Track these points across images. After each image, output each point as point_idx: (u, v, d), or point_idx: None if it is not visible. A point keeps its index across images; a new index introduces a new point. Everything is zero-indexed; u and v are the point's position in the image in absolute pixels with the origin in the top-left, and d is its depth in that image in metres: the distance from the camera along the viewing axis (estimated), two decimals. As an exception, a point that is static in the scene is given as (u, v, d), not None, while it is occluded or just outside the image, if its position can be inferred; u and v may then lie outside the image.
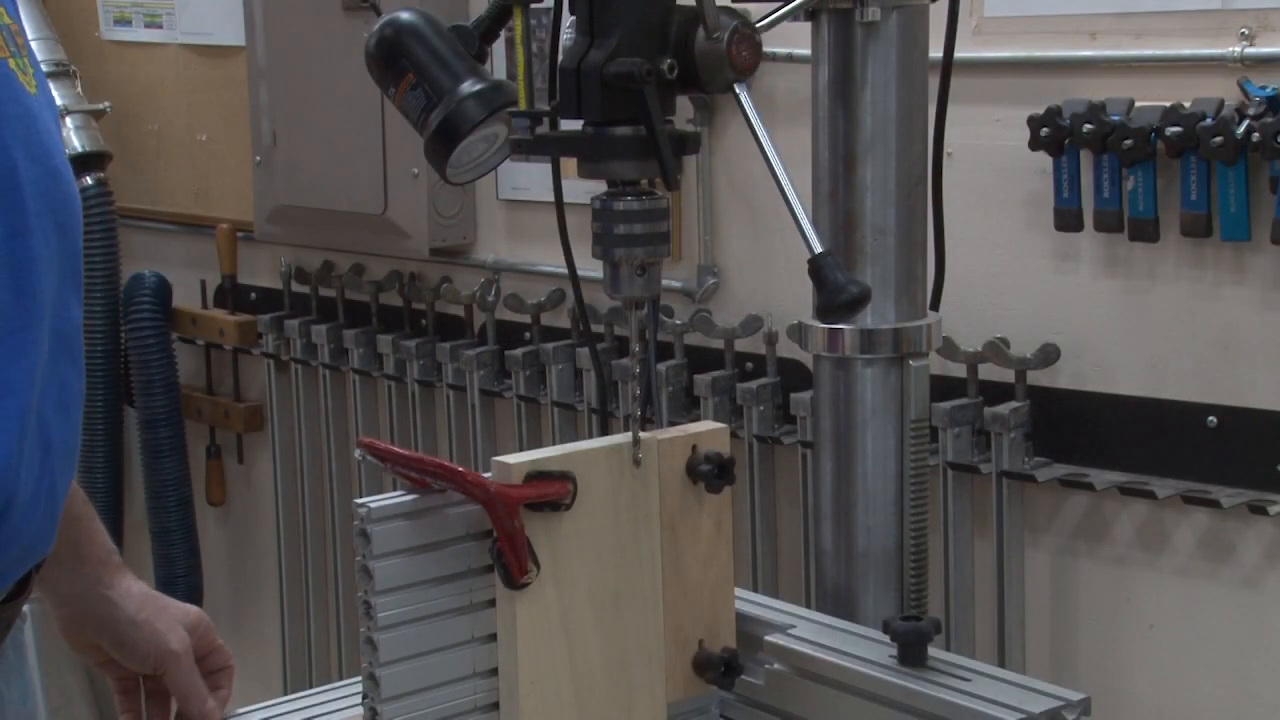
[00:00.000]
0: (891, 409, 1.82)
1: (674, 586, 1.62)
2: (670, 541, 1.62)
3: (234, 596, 3.99)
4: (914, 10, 1.78)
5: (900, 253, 1.81)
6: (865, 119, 1.78)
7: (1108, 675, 2.47)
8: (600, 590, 1.57)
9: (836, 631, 1.69)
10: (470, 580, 1.54)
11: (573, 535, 1.55)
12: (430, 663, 1.52)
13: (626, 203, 1.55)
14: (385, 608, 1.49)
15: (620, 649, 1.59)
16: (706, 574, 1.65)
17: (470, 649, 1.54)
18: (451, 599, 1.53)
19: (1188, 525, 2.48)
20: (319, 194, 3.37)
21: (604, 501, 1.57)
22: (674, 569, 1.62)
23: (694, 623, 1.65)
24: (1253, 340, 2.38)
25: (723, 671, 1.65)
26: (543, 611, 1.53)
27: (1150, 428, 2.46)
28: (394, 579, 1.50)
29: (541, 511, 1.52)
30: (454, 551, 1.53)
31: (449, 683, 1.53)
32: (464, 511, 1.53)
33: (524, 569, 1.51)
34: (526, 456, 1.53)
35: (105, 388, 3.84)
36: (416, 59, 1.63)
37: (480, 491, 1.48)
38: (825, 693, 1.61)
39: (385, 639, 1.49)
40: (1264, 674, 2.45)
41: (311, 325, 3.50)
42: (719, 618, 1.67)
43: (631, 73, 1.50)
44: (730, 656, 1.65)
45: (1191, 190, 2.35)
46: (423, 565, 1.51)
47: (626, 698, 1.60)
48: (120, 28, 3.90)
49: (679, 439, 1.63)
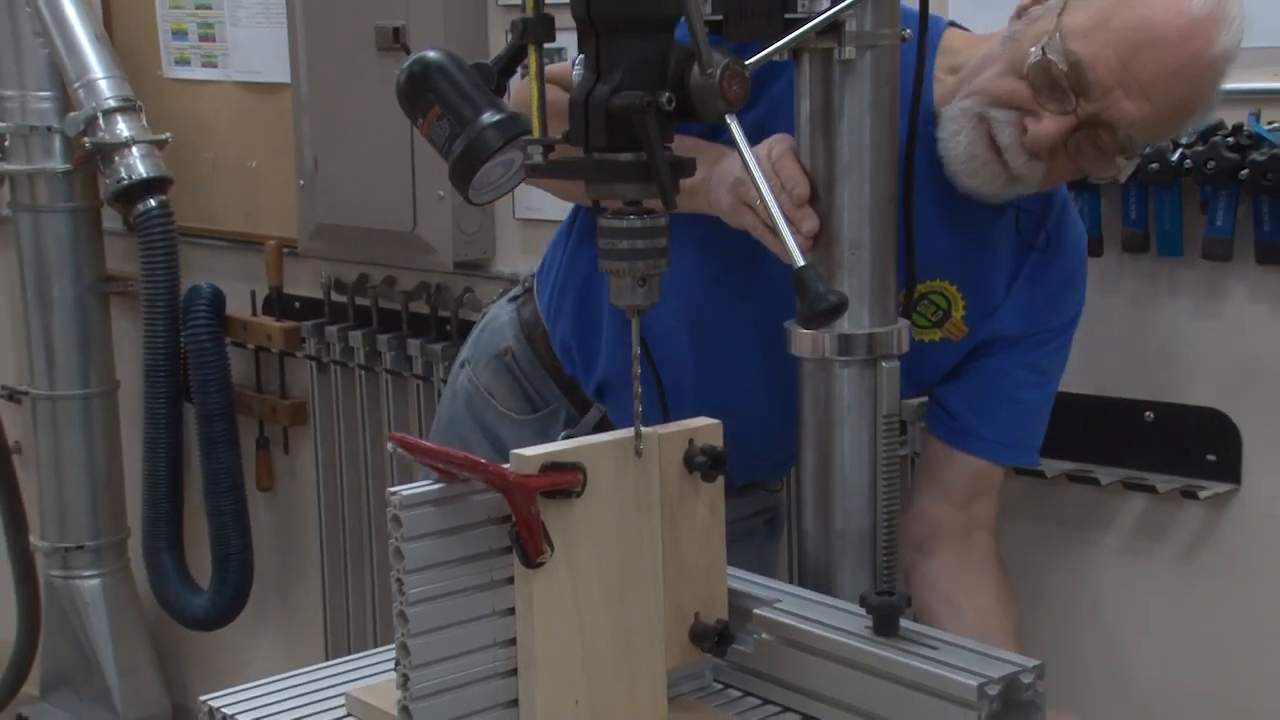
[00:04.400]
0: (866, 405, 1.81)
1: (672, 565, 1.62)
2: (669, 525, 1.61)
3: (281, 572, 3.98)
4: (886, 50, 1.76)
5: (874, 266, 1.79)
6: (843, 146, 1.77)
7: (1059, 643, 2.47)
8: (607, 569, 1.56)
9: (818, 605, 1.68)
10: (491, 560, 1.53)
11: (583, 520, 1.54)
12: (455, 634, 1.51)
13: (629, 221, 1.54)
14: (415, 584, 1.48)
15: (625, 621, 1.58)
16: (702, 554, 1.64)
17: (491, 621, 1.53)
18: (474, 577, 1.52)
19: (1128, 509, 2.49)
20: (355, 214, 3.37)
21: (610, 490, 1.56)
22: (673, 550, 1.62)
23: (690, 598, 1.64)
24: (1185, 345, 2.38)
25: (716, 641, 1.64)
26: (556, 588, 1.53)
27: (1095, 422, 2.46)
28: (423, 559, 1.49)
29: (555, 499, 1.51)
30: (477, 534, 1.52)
31: (472, 651, 1.52)
32: (485, 499, 1.52)
33: (539, 550, 1.50)
34: (541, 449, 1.52)
35: (167, 386, 3.83)
36: (442, 93, 1.62)
37: (500, 481, 1.48)
38: (808, 660, 1.61)
39: (415, 612, 1.49)
40: (1196, 640, 2.45)
41: (349, 331, 3.50)
42: (713, 593, 1.66)
43: (633, 105, 1.50)
44: (723, 628, 1.64)
45: (1131, 210, 2.36)
46: (449, 546, 1.50)
47: (631, 664, 1.59)
48: (180, 67, 3.90)
49: (677, 433, 1.62)
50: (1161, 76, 1.80)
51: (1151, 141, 1.93)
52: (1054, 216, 2.06)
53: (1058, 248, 2.07)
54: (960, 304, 2.05)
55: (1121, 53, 1.79)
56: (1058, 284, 2.08)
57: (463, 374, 2.37)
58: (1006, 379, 2.08)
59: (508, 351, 2.30)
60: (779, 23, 1.68)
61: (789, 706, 1.64)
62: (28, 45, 3.86)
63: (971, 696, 1.45)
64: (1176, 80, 1.81)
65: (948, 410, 2.12)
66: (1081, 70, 1.80)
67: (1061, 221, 2.07)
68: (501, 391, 2.30)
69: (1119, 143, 1.84)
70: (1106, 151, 1.86)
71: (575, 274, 2.19)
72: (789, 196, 1.74)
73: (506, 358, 2.30)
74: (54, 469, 4.07)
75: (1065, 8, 1.83)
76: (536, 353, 2.27)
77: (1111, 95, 1.81)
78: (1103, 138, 1.84)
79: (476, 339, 2.38)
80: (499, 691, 1.55)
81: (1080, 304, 2.13)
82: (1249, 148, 2.21)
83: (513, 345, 2.30)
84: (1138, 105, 1.81)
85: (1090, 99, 1.81)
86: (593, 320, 2.18)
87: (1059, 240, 2.07)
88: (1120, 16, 1.79)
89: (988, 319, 2.06)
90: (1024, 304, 2.06)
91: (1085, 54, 1.79)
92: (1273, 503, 2.35)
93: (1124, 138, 1.83)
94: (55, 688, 4.20)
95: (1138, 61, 1.79)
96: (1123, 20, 1.79)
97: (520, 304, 2.32)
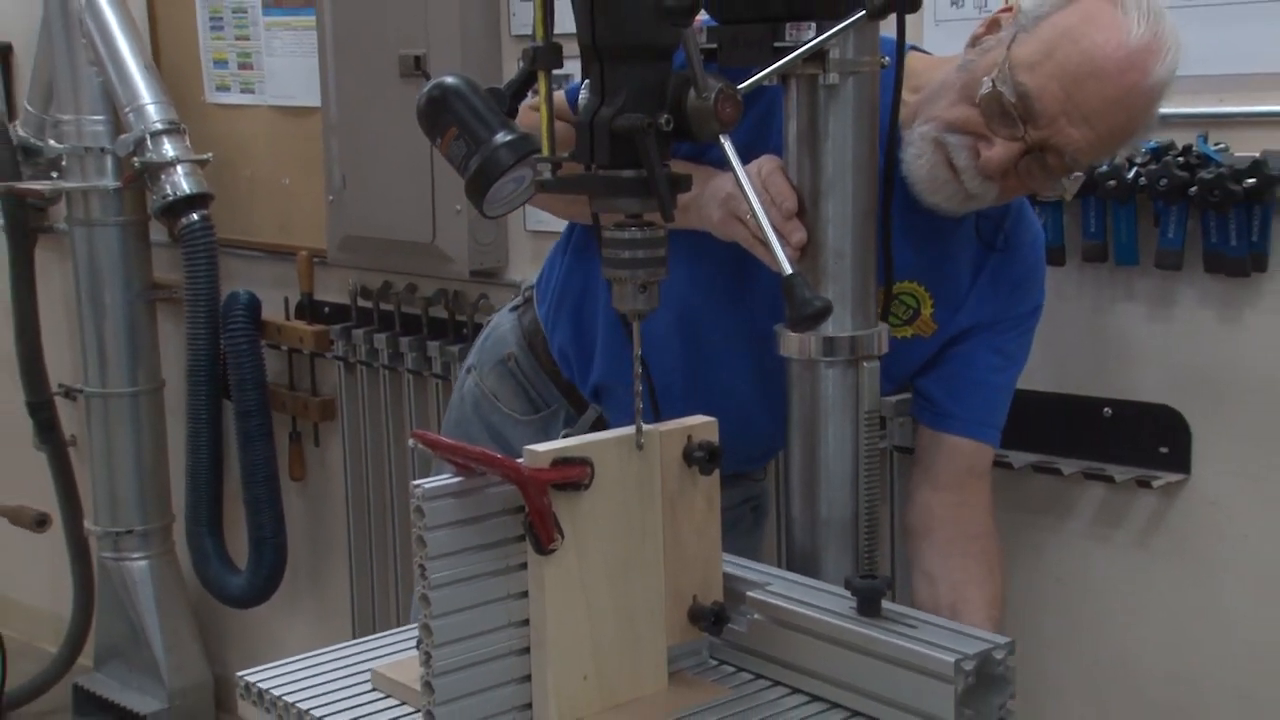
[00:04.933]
0: (849, 402, 1.79)
1: (672, 552, 1.61)
2: (669, 515, 1.60)
3: (312, 554, 3.97)
4: (866, 76, 1.75)
5: (855, 273, 1.78)
6: (827, 164, 1.76)
7: (1025, 620, 2.46)
8: (613, 555, 1.55)
9: (806, 588, 1.67)
10: (506, 547, 1.52)
11: (590, 510, 1.53)
12: (474, 615, 1.50)
13: (631, 232, 1.54)
14: (437, 570, 1.47)
15: (629, 603, 1.57)
16: (699, 542, 1.63)
17: (506, 604, 1.52)
18: (491, 563, 1.51)
19: (1088, 496, 2.48)
20: (380, 226, 3.36)
21: (616, 483, 1.55)
22: (673, 537, 1.61)
23: (689, 581, 1.63)
24: (1140, 346, 2.37)
25: (713, 621, 1.63)
26: (566, 572, 1.52)
27: (1057, 417, 2.45)
28: (444, 546, 1.48)
29: (565, 491, 1.50)
30: (493, 524, 1.51)
31: (489, 631, 1.51)
32: (501, 491, 1.51)
33: (551, 538, 1.49)
34: (552, 445, 1.52)
35: (208, 385, 3.82)
36: (458, 115, 1.60)
37: (514, 474, 1.47)
38: (797, 638, 1.60)
39: (437, 596, 1.48)
40: (1150, 617, 2.44)
41: (374, 334, 3.48)
42: (709, 577, 1.65)
43: (635, 126, 1.49)
44: (719, 609, 1.64)
45: (1091, 224, 2.35)
46: (467, 535, 1.49)
47: (634, 643, 1.58)
48: (221, 93, 3.89)
49: (677, 430, 1.61)
50: (1102, 106, 1.80)
51: (1093, 162, 1.93)
52: (1010, 220, 2.06)
53: (1015, 248, 2.07)
54: (929, 303, 2.05)
55: (1066, 84, 1.79)
56: (1016, 279, 2.08)
57: (469, 379, 2.36)
58: (976, 363, 2.08)
59: (510, 357, 2.29)
60: (769, 51, 1.68)
61: (779, 681, 1.63)
62: (83, 74, 3.85)
63: (948, 671, 1.44)
64: (1116, 109, 1.81)
65: (926, 397, 2.11)
66: (1029, 100, 1.80)
67: (1018, 224, 2.07)
68: (506, 394, 2.29)
69: (1064, 165, 1.85)
70: (1053, 173, 1.86)
71: (571, 287, 2.19)
72: (779, 210, 1.73)
73: (510, 363, 2.29)
74: (106, 460, 4.07)
75: (1014, 40, 1.82)
76: (537, 358, 2.26)
77: (1057, 123, 1.81)
78: (1049, 161, 1.84)
79: (481, 346, 2.37)
80: (514, 668, 1.54)
81: (1040, 296, 2.13)
82: (1197, 166, 2.21)
83: (515, 351, 2.29)
84: (1081, 132, 1.81)
85: (1038, 126, 1.81)
86: (588, 329, 2.17)
87: (1016, 241, 2.07)
88: (1064, 50, 1.79)
89: (954, 315, 2.05)
90: (987, 298, 2.06)
91: (1032, 85, 1.79)
92: (1219, 491, 2.35)
93: (1069, 160, 1.84)
94: (108, 660, 4.20)
95: (1081, 92, 1.79)
96: (1066, 54, 1.79)
97: (521, 313, 2.31)
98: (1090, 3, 1.81)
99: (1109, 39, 1.78)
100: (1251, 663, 2.35)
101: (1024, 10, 1.84)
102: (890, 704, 1.51)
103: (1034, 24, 1.82)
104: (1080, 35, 1.79)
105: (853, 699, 1.55)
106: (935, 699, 1.46)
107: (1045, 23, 1.81)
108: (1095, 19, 1.79)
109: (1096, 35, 1.78)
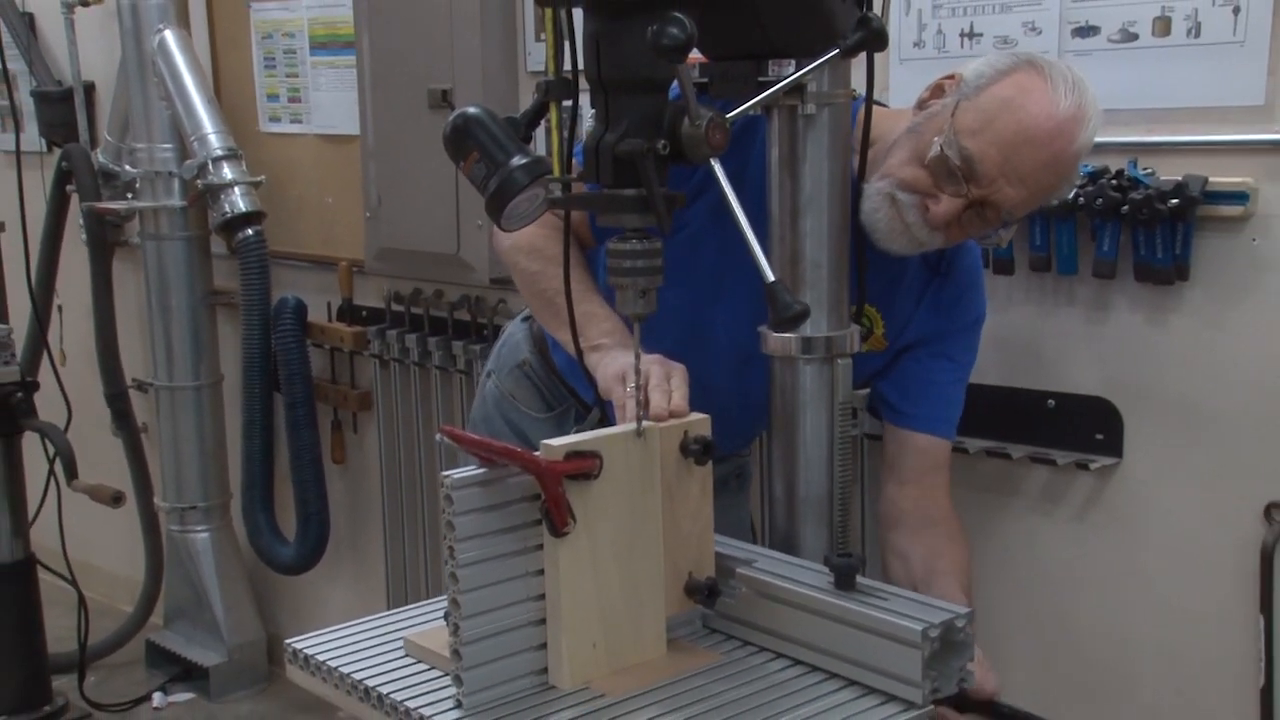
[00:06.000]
0: (825, 395, 1.76)
1: (671, 533, 1.58)
2: (668, 501, 1.57)
3: (352, 529, 3.93)
4: (839, 107, 1.72)
5: (830, 281, 1.75)
6: (806, 184, 1.72)
7: (978, 587, 2.39)
8: (619, 537, 1.52)
9: (788, 564, 1.65)
10: (525, 531, 1.49)
11: (599, 497, 1.50)
12: (496, 590, 1.47)
13: (631, 244, 1.52)
14: (464, 551, 1.45)
15: (633, 578, 1.54)
16: (694, 524, 1.61)
17: (525, 580, 1.49)
18: (511, 544, 1.48)
19: (1033, 478, 2.46)
20: (411, 239, 3.32)
21: (621, 473, 1.52)
22: (671, 521, 1.58)
23: (685, 559, 1.60)
24: (1079, 346, 2.36)
25: (706, 595, 1.61)
26: (578, 552, 1.49)
27: (1007, 408, 2.43)
28: (470, 530, 1.45)
29: (577, 480, 1.48)
30: (513, 510, 1.48)
31: (509, 605, 1.49)
32: (520, 480, 1.48)
33: (565, 522, 1.47)
34: (566, 440, 1.49)
35: (260, 379, 3.80)
36: (479, 140, 1.57)
37: (533, 466, 1.45)
38: (781, 609, 1.57)
39: (464, 574, 1.45)
40: (1087, 582, 2.44)
41: (405, 334, 3.45)
42: (703, 555, 1.62)
43: (635, 150, 1.48)
44: (711, 583, 1.61)
45: (1036, 238, 2.35)
46: (491, 520, 1.47)
47: (637, 614, 1.56)
48: (273, 123, 3.86)
49: (674, 426, 1.59)
50: (1035, 169, 1.80)
51: (1025, 213, 1.92)
52: (951, 247, 2.02)
53: (955, 271, 2.06)
54: (880, 324, 2.04)
55: (1004, 150, 1.79)
56: (956, 296, 2.06)
57: (489, 382, 2.34)
58: (927, 369, 2.07)
59: (525, 363, 2.27)
60: (754, 85, 1.65)
61: (765, 647, 1.60)
62: (155, 108, 3.86)
63: (916, 638, 1.42)
64: (1047, 171, 1.82)
65: (886, 400, 2.10)
66: (972, 163, 1.80)
67: (958, 250, 2.05)
68: (523, 395, 2.27)
69: (1000, 217, 1.86)
70: (991, 223, 1.88)
71: None
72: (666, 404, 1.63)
73: (525, 368, 2.27)
74: (172, 445, 4.08)
75: (957, 109, 1.82)
76: (547, 363, 2.25)
77: (996, 183, 1.81)
78: (988, 214, 1.85)
79: (498, 353, 2.35)
80: (531, 637, 1.51)
81: (980, 308, 2.11)
82: (1129, 188, 2.20)
83: (529, 358, 2.27)
84: (1016, 190, 1.81)
85: (979, 185, 1.82)
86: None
87: (956, 264, 2.06)
88: (1002, 120, 1.79)
89: (901, 332, 2.05)
90: (930, 316, 2.05)
91: (975, 150, 1.79)
92: (1147, 472, 2.32)
93: (1005, 214, 1.86)
94: (175, 619, 4.22)
95: (1017, 157, 1.79)
96: (1004, 124, 1.79)
97: (531, 322, 2.29)
98: (1023, 77, 1.81)
99: (1040, 110, 1.78)
100: (1171, 619, 2.33)
101: (966, 80, 1.84)
102: (864, 667, 1.48)
103: (975, 94, 1.82)
104: (1016, 107, 1.79)
105: (831, 663, 1.52)
106: (904, 662, 1.43)
107: (984, 94, 1.81)
108: (1029, 92, 1.79)
109: (1031, 107, 1.79)
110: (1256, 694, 2.22)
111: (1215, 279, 2.19)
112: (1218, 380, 2.21)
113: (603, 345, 1.80)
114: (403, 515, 3.59)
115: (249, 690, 4.06)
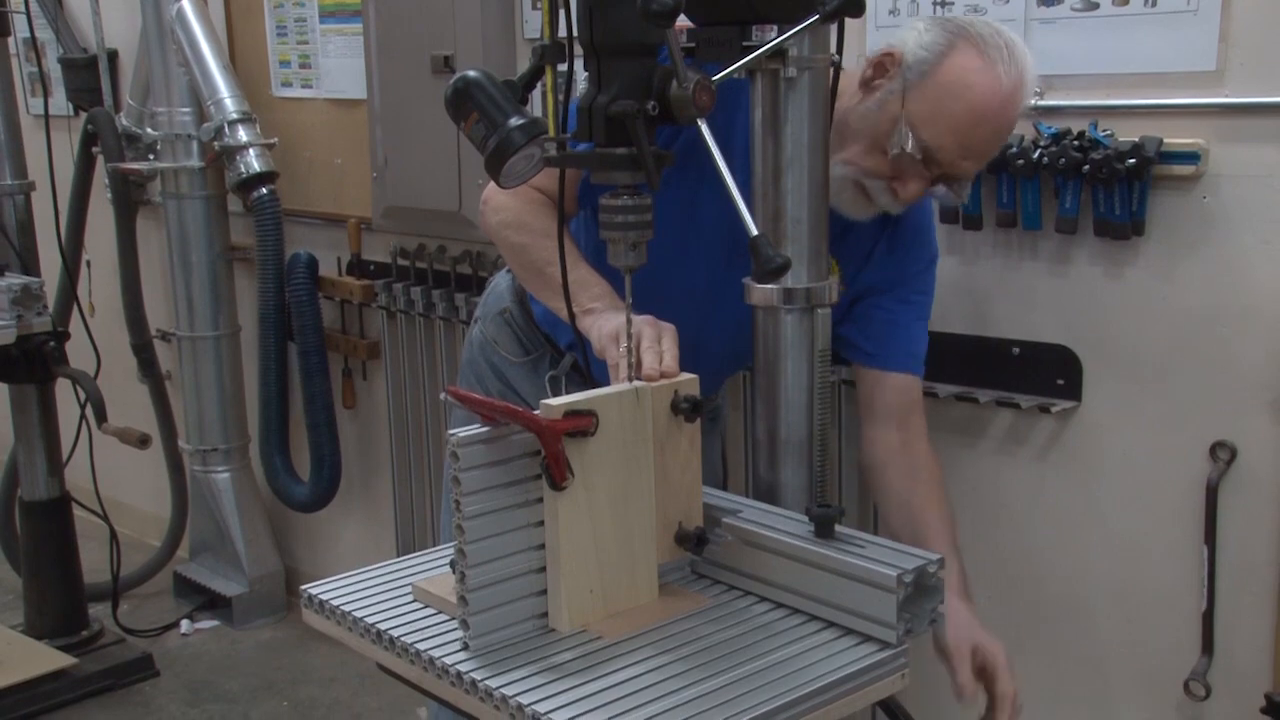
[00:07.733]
0: (805, 344, 1.72)
1: (662, 486, 1.54)
2: (659, 455, 1.54)
3: (361, 469, 3.91)
4: (819, 70, 1.67)
5: (811, 236, 1.70)
6: (787, 144, 1.67)
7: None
8: (614, 490, 1.49)
9: (771, 514, 1.61)
10: (526, 484, 1.46)
11: (595, 453, 1.47)
12: (500, 540, 1.44)
13: (623, 200, 1.49)
14: (470, 504, 1.42)
15: (627, 529, 1.51)
16: (684, 477, 1.57)
17: (526, 531, 1.46)
18: (514, 497, 1.45)
19: (998, 421, 2.43)
20: (415, 197, 3.28)
21: (616, 430, 1.49)
22: (662, 474, 1.54)
23: (675, 510, 1.57)
24: (1042, 297, 2.34)
25: (695, 543, 1.58)
26: (575, 505, 1.46)
27: (974, 355, 2.40)
28: (475, 484, 1.42)
29: (575, 437, 1.45)
30: (515, 465, 1.45)
31: (512, 554, 1.46)
32: (522, 438, 1.45)
33: (563, 476, 1.44)
34: (564, 400, 1.46)
35: (275, 329, 3.77)
36: (479, 102, 1.53)
37: (533, 424, 1.42)
38: (764, 556, 1.54)
39: (470, 525, 1.42)
40: (1046, 519, 2.42)
41: (411, 288, 3.41)
42: (692, 506, 1.59)
43: (626, 111, 1.44)
44: (700, 532, 1.58)
45: (1003, 195, 2.31)
46: (494, 474, 1.43)
47: (631, 561, 1.53)
48: (285, 88, 3.81)
49: (665, 386, 1.55)
50: (988, 141, 1.85)
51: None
52: None
53: (906, 217, 2.03)
54: (836, 270, 1.99)
55: (959, 135, 1.81)
56: (907, 244, 2.04)
57: (475, 328, 2.32)
58: (890, 313, 2.04)
59: (506, 311, 2.25)
60: (738, 49, 1.61)
61: (750, 591, 1.57)
62: (174, 74, 3.81)
63: (891, 583, 1.40)
64: (997, 139, 1.87)
65: (855, 345, 2.06)
66: (931, 153, 1.82)
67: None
68: (504, 340, 2.24)
69: (959, 185, 1.89)
70: (951, 190, 1.90)
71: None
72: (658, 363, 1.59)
73: (505, 315, 2.25)
74: (194, 391, 4.05)
75: (906, 97, 1.81)
76: (525, 312, 2.23)
77: (955, 162, 1.84)
78: (951, 184, 1.88)
79: (485, 301, 2.33)
80: (533, 583, 1.48)
81: (931, 250, 2.09)
82: (1090, 149, 2.16)
83: (510, 306, 2.25)
84: (974, 163, 1.86)
85: (940, 166, 1.85)
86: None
87: (906, 215, 2.02)
88: (952, 107, 1.80)
89: (855, 278, 2.02)
90: (883, 263, 2.03)
91: (932, 140, 1.81)
92: (1104, 416, 2.30)
93: (962, 180, 1.89)
94: (200, 552, 4.22)
95: (970, 138, 1.82)
96: (955, 110, 1.80)
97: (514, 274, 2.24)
98: (963, 58, 1.80)
99: (987, 88, 1.79)
100: (1123, 551, 2.32)
101: (908, 64, 1.82)
102: (843, 610, 1.46)
103: (920, 80, 1.81)
104: (964, 89, 1.79)
105: (811, 606, 1.50)
106: (880, 605, 1.41)
107: (930, 80, 1.80)
108: (972, 72, 1.79)
109: (977, 89, 1.79)
110: (1199, 618, 2.22)
111: (1168, 234, 2.16)
112: (1169, 329, 2.19)
113: (594, 309, 1.76)
114: (410, 456, 3.56)
115: (269, 618, 4.06)
